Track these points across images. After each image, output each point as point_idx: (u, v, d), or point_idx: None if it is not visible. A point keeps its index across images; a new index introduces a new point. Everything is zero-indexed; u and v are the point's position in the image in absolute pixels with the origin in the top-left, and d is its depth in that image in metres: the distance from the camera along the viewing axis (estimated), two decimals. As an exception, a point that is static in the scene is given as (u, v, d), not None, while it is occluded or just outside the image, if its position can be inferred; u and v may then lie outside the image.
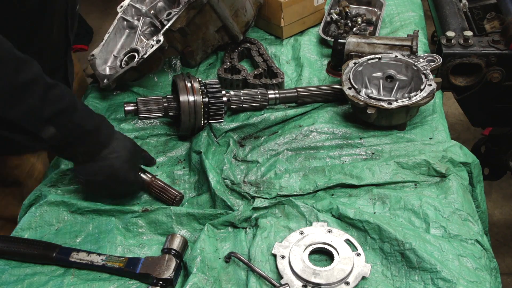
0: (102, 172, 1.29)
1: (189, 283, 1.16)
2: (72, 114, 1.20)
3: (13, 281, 1.22)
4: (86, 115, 1.25)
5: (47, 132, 1.17)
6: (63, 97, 1.19)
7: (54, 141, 1.19)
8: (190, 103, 1.50)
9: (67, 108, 1.19)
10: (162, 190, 1.40)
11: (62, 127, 1.18)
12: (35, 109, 1.14)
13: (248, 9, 1.89)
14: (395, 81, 1.61)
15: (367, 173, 1.39)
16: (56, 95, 1.17)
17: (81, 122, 1.22)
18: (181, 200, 1.40)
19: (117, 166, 1.29)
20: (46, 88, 1.15)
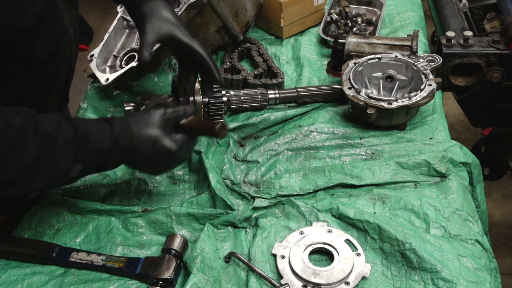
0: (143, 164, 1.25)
1: (189, 283, 1.16)
2: (87, 143, 1.13)
3: (13, 281, 1.22)
4: (98, 134, 1.16)
5: (74, 171, 1.13)
6: (69, 134, 1.11)
7: (82, 173, 1.16)
8: (190, 103, 1.50)
9: (80, 141, 1.12)
10: (198, 126, 1.28)
11: (85, 160, 1.13)
12: (54, 168, 1.09)
13: (248, 9, 1.89)
14: (395, 81, 1.61)
15: (367, 173, 1.39)
16: (65, 136, 1.09)
17: (99, 144, 1.15)
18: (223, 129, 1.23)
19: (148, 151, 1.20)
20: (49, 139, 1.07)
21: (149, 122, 1.22)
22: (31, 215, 1.36)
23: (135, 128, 1.20)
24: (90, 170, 1.20)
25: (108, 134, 1.17)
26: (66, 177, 1.13)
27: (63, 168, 1.11)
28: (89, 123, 1.18)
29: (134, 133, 1.20)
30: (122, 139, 1.17)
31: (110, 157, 1.18)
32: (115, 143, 1.17)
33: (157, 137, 1.21)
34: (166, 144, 1.22)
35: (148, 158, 1.23)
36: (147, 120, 1.23)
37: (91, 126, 1.16)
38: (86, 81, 1.94)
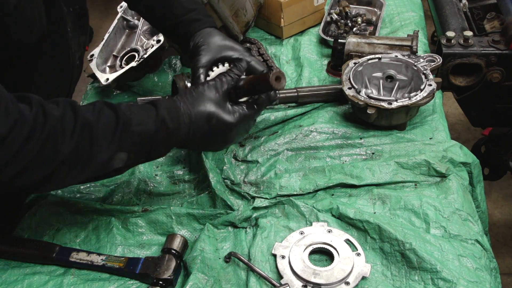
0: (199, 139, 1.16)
1: (189, 283, 1.16)
2: (130, 127, 1.06)
3: (13, 281, 1.22)
4: (142, 117, 1.09)
5: (119, 160, 1.06)
6: (111, 119, 1.05)
7: (130, 161, 1.08)
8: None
9: (122, 126, 1.05)
10: (252, 82, 1.18)
11: (129, 147, 1.07)
12: (97, 158, 1.03)
13: (248, 9, 1.89)
14: (395, 81, 1.61)
15: (367, 173, 1.39)
16: (105, 123, 1.04)
17: (143, 128, 1.08)
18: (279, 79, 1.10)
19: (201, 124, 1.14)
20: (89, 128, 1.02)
21: (199, 97, 1.15)
22: (31, 215, 1.36)
23: (184, 107, 1.13)
24: (140, 158, 1.12)
25: (153, 116, 1.09)
26: (112, 167, 1.06)
27: (106, 157, 1.04)
28: (132, 107, 1.10)
29: (182, 113, 1.13)
30: (169, 121, 1.10)
31: (158, 141, 1.11)
32: (162, 125, 1.09)
33: (212, 112, 1.14)
34: (223, 117, 1.15)
35: (205, 136, 1.16)
36: (197, 95, 1.15)
37: (134, 110, 1.09)
38: (86, 81, 1.94)
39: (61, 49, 1.28)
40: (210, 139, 1.19)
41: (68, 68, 1.34)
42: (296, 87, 1.67)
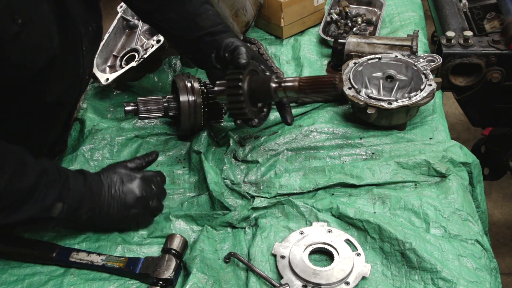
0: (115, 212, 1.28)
1: (189, 283, 1.16)
2: (68, 183, 1.20)
3: (13, 281, 1.22)
4: (75, 178, 1.23)
5: (56, 209, 1.17)
6: (55, 172, 1.19)
7: (62, 214, 1.19)
8: (190, 103, 1.50)
9: (64, 179, 1.20)
10: (314, 84, 1.20)
11: (66, 199, 1.19)
12: (41, 200, 1.15)
13: (248, 9, 1.89)
14: (395, 81, 1.61)
15: (367, 173, 1.39)
16: (53, 172, 1.18)
17: (76, 186, 1.22)
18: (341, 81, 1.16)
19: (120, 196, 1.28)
20: (44, 173, 1.15)
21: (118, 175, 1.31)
22: (31, 215, 1.36)
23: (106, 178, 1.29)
24: (66, 214, 1.20)
25: (82, 178, 1.25)
26: (50, 214, 1.17)
27: (49, 202, 1.16)
28: (65, 168, 1.29)
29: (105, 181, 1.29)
30: (94, 186, 1.25)
31: (84, 201, 1.23)
32: (87, 188, 1.24)
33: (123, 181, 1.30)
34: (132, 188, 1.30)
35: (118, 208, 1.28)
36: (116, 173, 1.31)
37: (67, 170, 1.27)
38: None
39: (73, 68, 1.31)
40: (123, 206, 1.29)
41: (77, 84, 1.37)
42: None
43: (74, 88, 1.37)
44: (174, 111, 1.54)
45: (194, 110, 1.50)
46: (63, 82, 1.27)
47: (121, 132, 1.63)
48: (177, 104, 1.53)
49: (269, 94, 1.25)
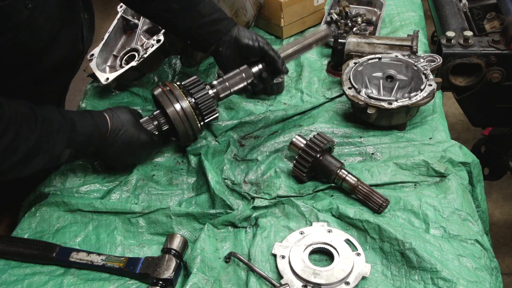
0: (119, 151, 1.37)
1: (189, 283, 1.15)
2: (75, 128, 1.25)
3: (13, 281, 1.22)
4: (83, 120, 1.29)
5: (65, 156, 1.25)
6: (61, 119, 1.23)
7: (70, 158, 1.26)
8: (179, 112, 1.41)
9: (70, 126, 1.24)
10: (367, 196, 1.31)
11: (74, 144, 1.25)
12: (50, 150, 1.20)
13: (248, 9, 1.89)
14: (395, 81, 1.61)
15: (366, 175, 1.39)
16: (58, 122, 1.22)
17: (84, 129, 1.27)
18: (386, 207, 1.30)
19: (126, 138, 1.36)
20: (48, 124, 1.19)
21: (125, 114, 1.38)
22: (31, 215, 1.36)
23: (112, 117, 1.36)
24: (73, 156, 1.29)
25: (89, 119, 1.31)
26: (60, 161, 1.25)
27: (57, 151, 1.22)
28: (71, 112, 1.32)
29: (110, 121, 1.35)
30: (101, 127, 1.32)
31: (92, 142, 1.31)
32: (95, 128, 1.31)
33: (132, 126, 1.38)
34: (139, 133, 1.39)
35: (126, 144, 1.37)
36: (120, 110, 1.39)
37: (74, 113, 1.32)
38: (86, 80, 1.94)
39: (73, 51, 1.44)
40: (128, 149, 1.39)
41: (71, 66, 1.49)
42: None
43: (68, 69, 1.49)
44: (166, 125, 1.46)
45: (186, 117, 1.42)
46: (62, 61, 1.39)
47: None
48: (166, 118, 1.44)
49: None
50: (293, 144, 1.41)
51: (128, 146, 1.38)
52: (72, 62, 1.49)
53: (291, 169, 1.42)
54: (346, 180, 1.34)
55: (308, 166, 1.36)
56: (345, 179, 1.34)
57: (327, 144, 1.38)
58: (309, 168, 1.37)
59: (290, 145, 1.41)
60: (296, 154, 1.38)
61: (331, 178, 1.36)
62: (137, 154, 1.47)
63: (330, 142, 1.39)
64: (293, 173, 1.41)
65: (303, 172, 1.37)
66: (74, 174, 1.48)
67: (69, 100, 1.68)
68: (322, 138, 1.38)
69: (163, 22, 1.56)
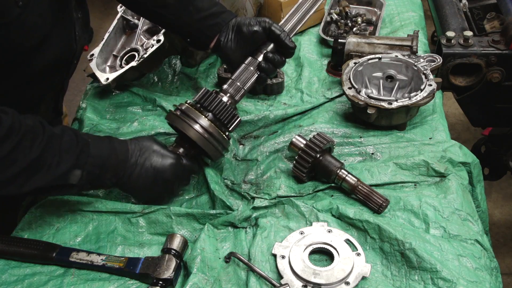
0: (143, 181, 1.28)
1: (189, 283, 1.15)
2: (88, 149, 1.19)
3: (13, 281, 1.22)
4: (98, 143, 1.23)
5: (74, 177, 1.17)
6: (72, 138, 1.18)
7: (82, 181, 1.19)
8: (201, 132, 1.32)
9: (82, 145, 1.18)
10: (367, 196, 1.31)
11: (84, 166, 1.18)
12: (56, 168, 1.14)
13: (248, 9, 1.89)
14: (395, 81, 1.61)
15: (366, 175, 1.39)
16: (68, 140, 1.17)
17: (98, 151, 1.21)
18: (386, 207, 1.30)
19: (149, 164, 1.28)
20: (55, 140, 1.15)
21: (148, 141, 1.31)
22: (31, 215, 1.36)
23: (131, 144, 1.28)
24: (89, 181, 1.22)
25: (107, 143, 1.24)
26: (67, 181, 1.17)
27: (64, 169, 1.15)
28: (88, 134, 1.27)
29: (132, 148, 1.27)
30: (120, 152, 1.25)
31: (108, 167, 1.22)
32: (113, 153, 1.23)
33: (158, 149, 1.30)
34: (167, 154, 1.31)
35: (146, 174, 1.27)
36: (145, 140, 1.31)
37: (91, 136, 1.25)
38: (86, 80, 1.94)
39: (67, 50, 1.41)
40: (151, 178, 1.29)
41: (66, 66, 1.46)
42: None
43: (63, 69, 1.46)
44: (193, 149, 1.37)
45: (208, 132, 1.32)
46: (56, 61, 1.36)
47: (120, 132, 1.63)
48: (190, 141, 1.34)
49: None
50: (293, 144, 1.41)
51: (153, 174, 1.28)
52: (66, 62, 1.46)
53: (291, 169, 1.42)
54: (346, 180, 1.34)
55: (308, 166, 1.36)
56: (345, 179, 1.34)
57: (327, 144, 1.38)
58: (309, 168, 1.37)
59: (290, 145, 1.41)
60: (296, 154, 1.38)
61: (331, 178, 1.36)
62: (168, 184, 1.33)
63: (330, 142, 1.39)
64: (293, 173, 1.42)
65: (303, 172, 1.37)
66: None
67: (69, 100, 1.69)
68: (322, 138, 1.38)
69: (160, 19, 1.52)
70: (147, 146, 1.29)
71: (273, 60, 1.42)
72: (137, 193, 1.34)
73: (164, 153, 1.30)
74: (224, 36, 1.44)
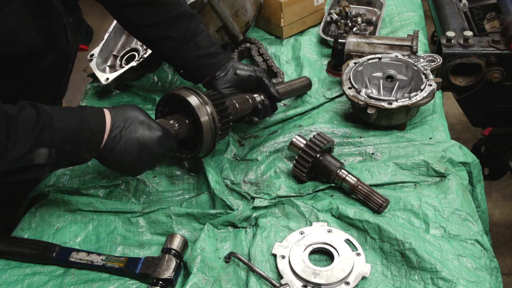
0: (126, 154, 1.14)
1: (189, 283, 1.15)
2: (52, 123, 1.05)
3: (13, 281, 1.22)
4: (64, 116, 1.08)
5: (40, 156, 1.04)
6: (32, 115, 1.04)
7: (52, 159, 1.06)
8: (211, 122, 1.30)
9: (44, 121, 1.04)
10: (367, 196, 1.31)
11: (51, 143, 1.05)
12: (14, 149, 1.01)
13: (248, 9, 1.89)
14: (395, 81, 1.61)
15: (366, 175, 1.39)
16: (26, 118, 1.03)
17: (64, 125, 1.07)
18: (386, 207, 1.30)
19: (133, 136, 1.14)
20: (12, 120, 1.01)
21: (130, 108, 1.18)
22: (31, 215, 1.36)
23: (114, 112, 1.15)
24: (62, 158, 1.09)
25: (77, 116, 1.10)
26: (32, 161, 1.04)
27: (24, 150, 1.02)
28: (56, 108, 1.10)
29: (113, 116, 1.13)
30: (93, 123, 1.10)
31: (81, 142, 1.09)
32: (85, 125, 1.09)
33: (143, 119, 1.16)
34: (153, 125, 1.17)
35: (131, 144, 1.14)
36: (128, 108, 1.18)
37: (57, 109, 1.09)
38: (86, 80, 1.94)
39: (60, 56, 1.36)
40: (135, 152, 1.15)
41: (60, 71, 1.42)
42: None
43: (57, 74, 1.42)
44: (185, 133, 1.31)
45: (215, 127, 1.31)
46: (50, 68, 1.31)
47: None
48: (187, 125, 1.31)
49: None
50: (293, 144, 1.41)
51: (138, 148, 1.15)
52: (60, 67, 1.40)
53: (291, 169, 1.42)
54: (346, 180, 1.34)
55: (308, 166, 1.36)
56: (345, 179, 1.34)
57: (327, 144, 1.38)
58: (309, 168, 1.37)
59: (290, 145, 1.41)
60: (296, 154, 1.38)
61: (331, 178, 1.36)
62: (153, 157, 1.19)
63: (330, 142, 1.39)
64: (293, 173, 1.41)
65: (303, 172, 1.37)
66: (75, 173, 1.48)
67: (69, 100, 1.68)
68: (322, 138, 1.38)
69: (160, 50, 1.52)
70: (133, 116, 1.16)
71: (268, 107, 1.54)
72: (118, 167, 1.18)
73: (151, 125, 1.17)
74: (220, 79, 1.51)
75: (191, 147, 1.35)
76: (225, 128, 1.37)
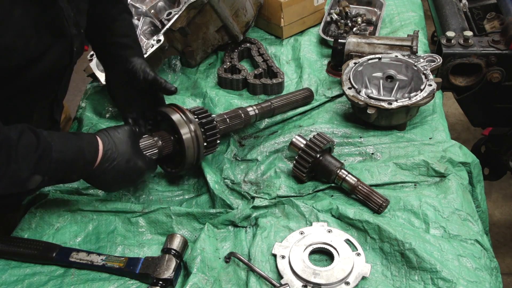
0: (110, 181, 1.24)
1: (189, 283, 1.15)
2: (50, 153, 1.10)
3: (13, 281, 1.22)
4: (62, 146, 1.13)
5: (34, 182, 1.10)
6: (32, 142, 1.08)
7: (43, 184, 1.13)
8: (193, 139, 1.35)
9: (42, 151, 1.09)
10: (367, 196, 1.31)
11: (45, 171, 1.10)
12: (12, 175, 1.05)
13: (248, 9, 1.89)
14: (395, 81, 1.61)
15: (366, 175, 1.39)
16: (26, 144, 1.07)
17: (61, 156, 1.12)
18: (386, 207, 1.30)
19: (121, 168, 1.22)
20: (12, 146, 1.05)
21: (121, 140, 1.24)
22: (31, 215, 1.36)
23: (105, 142, 1.21)
24: (52, 182, 1.18)
25: (73, 144, 1.16)
26: (26, 188, 1.10)
27: (22, 177, 1.07)
28: (54, 135, 1.15)
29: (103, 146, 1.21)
30: (87, 153, 1.18)
31: (74, 169, 1.17)
32: (81, 156, 1.16)
33: (131, 157, 1.24)
34: (138, 163, 1.25)
35: (119, 174, 1.23)
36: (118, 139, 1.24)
37: (55, 137, 1.14)
38: (86, 80, 1.94)
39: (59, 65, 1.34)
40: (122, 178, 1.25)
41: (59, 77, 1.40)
42: (269, 99, 1.64)
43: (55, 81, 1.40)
44: (169, 149, 1.36)
45: (198, 144, 1.35)
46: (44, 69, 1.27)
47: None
48: (172, 142, 1.36)
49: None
50: (293, 144, 1.41)
51: (122, 176, 1.24)
52: (58, 74, 1.38)
53: (291, 169, 1.42)
54: (346, 180, 1.34)
55: (308, 166, 1.36)
56: (345, 179, 1.34)
57: (327, 144, 1.38)
58: (309, 168, 1.37)
59: (290, 145, 1.41)
60: (296, 154, 1.38)
61: (331, 178, 1.36)
62: (131, 183, 1.33)
63: (330, 142, 1.39)
64: (293, 173, 1.42)
65: (303, 172, 1.37)
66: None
67: (69, 100, 1.68)
68: (322, 138, 1.38)
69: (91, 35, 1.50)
70: (121, 147, 1.23)
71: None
72: (97, 186, 1.28)
73: (137, 156, 1.25)
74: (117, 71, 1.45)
75: (177, 162, 1.40)
76: (211, 145, 1.40)
